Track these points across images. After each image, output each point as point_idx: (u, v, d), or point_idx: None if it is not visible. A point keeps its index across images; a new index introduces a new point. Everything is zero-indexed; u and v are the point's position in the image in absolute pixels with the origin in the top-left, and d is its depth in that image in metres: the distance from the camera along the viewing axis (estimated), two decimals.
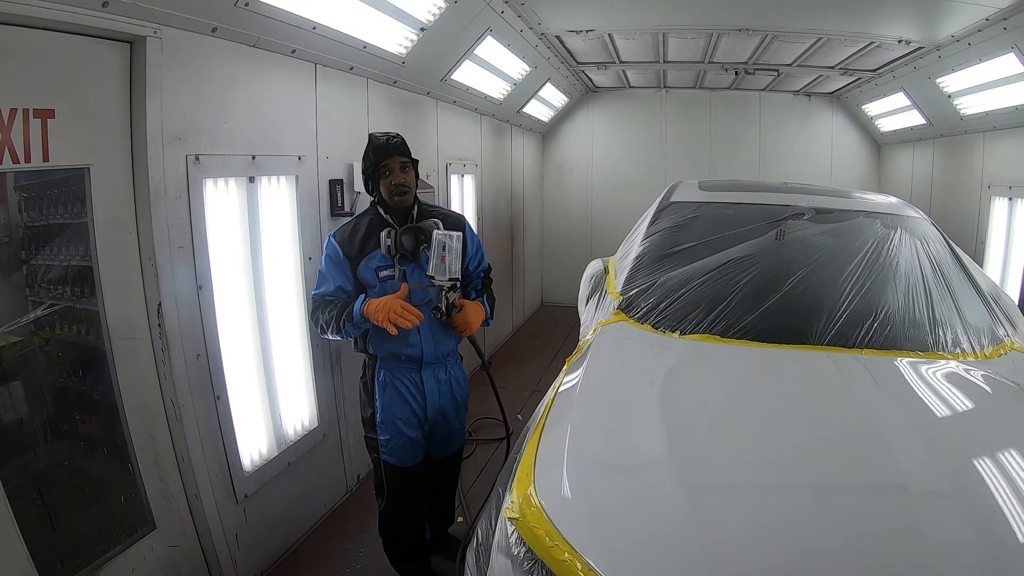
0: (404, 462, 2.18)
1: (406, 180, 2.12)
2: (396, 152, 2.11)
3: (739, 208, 2.63)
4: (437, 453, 2.33)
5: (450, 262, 2.03)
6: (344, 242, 2.12)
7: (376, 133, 2.16)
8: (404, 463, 2.18)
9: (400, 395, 2.15)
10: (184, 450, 2.05)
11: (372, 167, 2.11)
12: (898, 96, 5.03)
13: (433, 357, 2.17)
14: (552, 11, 3.81)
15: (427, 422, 2.20)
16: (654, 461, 1.42)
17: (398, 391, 2.15)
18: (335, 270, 2.12)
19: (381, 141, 2.12)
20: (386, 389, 2.15)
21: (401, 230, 2.10)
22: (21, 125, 1.57)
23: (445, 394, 2.22)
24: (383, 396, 2.15)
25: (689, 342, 1.99)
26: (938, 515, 1.24)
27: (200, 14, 1.96)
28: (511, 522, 1.32)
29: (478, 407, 4.02)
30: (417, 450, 2.21)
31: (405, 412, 2.16)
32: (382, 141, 2.12)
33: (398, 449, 2.16)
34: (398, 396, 2.15)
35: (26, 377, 1.74)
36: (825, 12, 3.71)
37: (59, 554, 1.71)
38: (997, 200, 4.21)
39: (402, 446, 2.16)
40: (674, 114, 6.59)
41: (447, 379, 2.23)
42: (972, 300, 2.19)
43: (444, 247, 2.02)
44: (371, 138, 2.14)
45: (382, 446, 2.16)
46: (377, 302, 1.99)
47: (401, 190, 2.10)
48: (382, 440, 2.16)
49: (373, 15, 2.67)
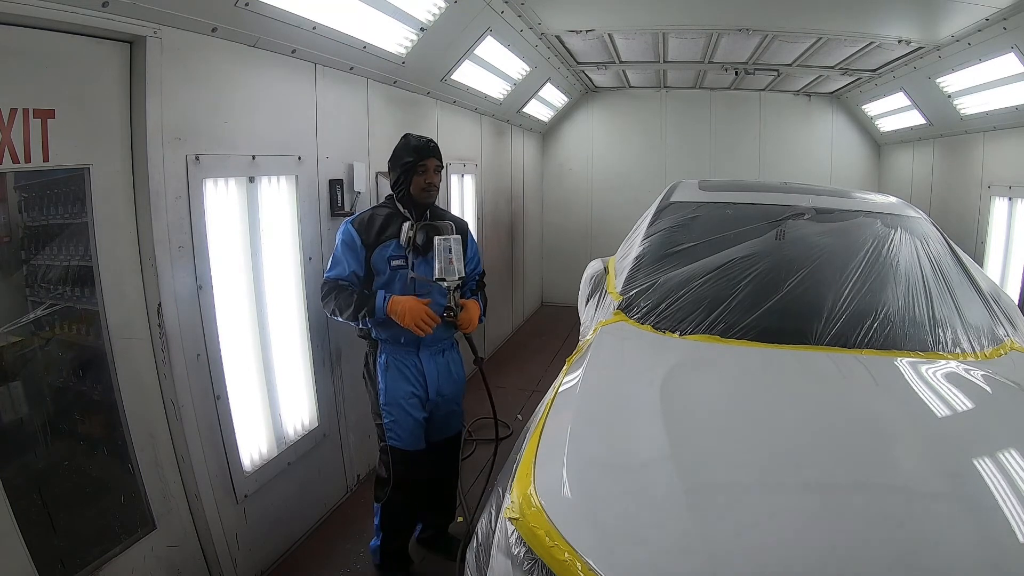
0: (409, 445, 2.28)
1: (436, 180, 2.30)
2: (435, 154, 2.30)
3: (739, 208, 2.63)
4: (437, 436, 2.41)
5: (456, 264, 2.18)
6: (362, 230, 2.25)
7: (413, 135, 2.34)
8: (409, 446, 2.28)
9: (403, 375, 2.27)
10: (184, 450, 2.05)
11: (411, 164, 2.25)
12: (898, 96, 5.03)
13: (431, 339, 2.28)
14: (552, 11, 3.81)
15: (428, 402, 2.32)
16: (654, 461, 1.42)
17: (400, 372, 2.27)
18: (350, 255, 2.24)
19: (423, 142, 2.29)
20: (388, 371, 2.27)
21: (420, 225, 2.25)
22: (21, 125, 1.56)
23: (443, 375, 2.35)
24: (385, 378, 2.27)
25: (689, 342, 1.99)
26: (938, 515, 1.24)
27: (200, 14, 1.96)
28: (511, 522, 1.32)
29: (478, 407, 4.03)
30: (420, 432, 2.31)
31: (407, 392, 2.27)
32: (423, 142, 2.29)
33: (403, 432, 2.27)
34: (401, 377, 2.27)
35: (26, 377, 1.74)
36: (825, 12, 3.71)
37: (59, 554, 1.71)
38: (997, 200, 4.21)
39: (406, 428, 2.27)
40: (674, 114, 6.59)
41: (444, 361, 2.37)
42: (972, 300, 2.19)
43: (450, 251, 2.17)
44: (410, 137, 2.32)
45: (387, 429, 2.27)
46: (403, 304, 2.15)
47: (432, 188, 2.28)
48: (387, 423, 2.27)
49: (373, 15, 2.67)
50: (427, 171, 2.27)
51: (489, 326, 5.16)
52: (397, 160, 2.29)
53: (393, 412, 2.26)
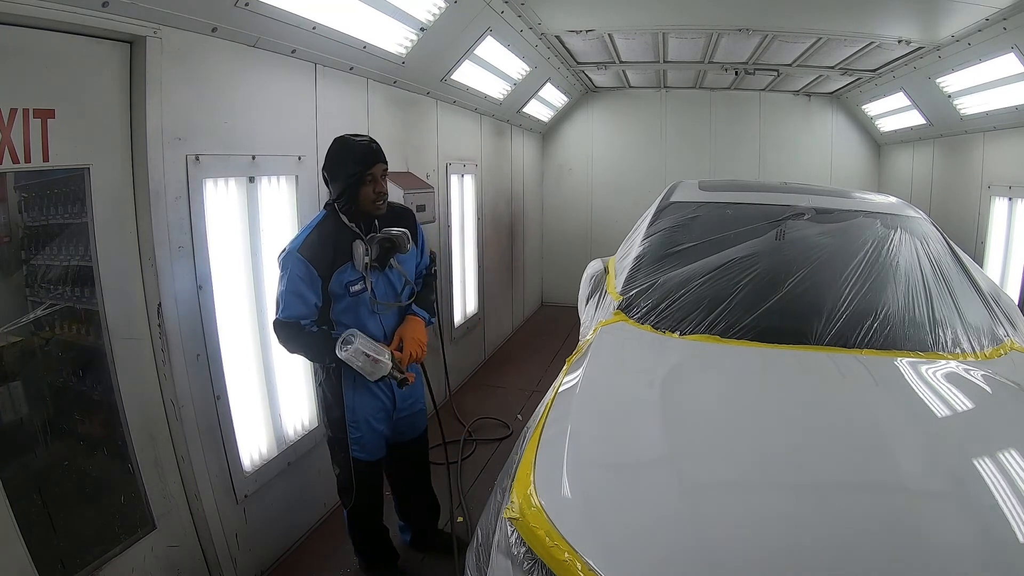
0: (373, 455, 2.22)
1: (386, 187, 2.08)
2: (381, 158, 2.05)
3: (739, 208, 2.63)
4: (404, 436, 2.33)
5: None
6: (314, 259, 1.98)
7: (351, 137, 2.07)
8: (373, 456, 2.22)
9: (372, 393, 2.17)
10: (184, 450, 2.05)
11: (357, 174, 2.00)
12: (898, 96, 5.03)
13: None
14: (552, 11, 3.81)
15: (395, 412, 2.24)
16: (654, 461, 1.42)
17: (369, 390, 2.15)
18: (308, 292, 1.99)
19: (364, 145, 2.03)
20: (356, 390, 2.14)
21: (373, 240, 2.07)
22: (21, 125, 1.57)
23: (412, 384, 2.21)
24: (354, 397, 2.14)
25: (689, 342, 1.99)
26: (938, 515, 1.24)
27: (200, 14, 1.96)
28: (511, 522, 1.32)
29: (478, 407, 4.04)
30: (382, 443, 2.25)
31: (375, 408, 2.19)
32: (365, 145, 2.03)
33: (368, 444, 2.19)
34: (369, 395, 2.16)
35: (26, 377, 1.74)
36: (825, 12, 3.71)
37: (59, 554, 1.71)
38: (997, 200, 4.21)
39: (371, 441, 2.20)
40: (674, 114, 6.58)
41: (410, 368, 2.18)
42: (972, 300, 2.19)
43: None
44: (349, 143, 2.05)
45: (353, 443, 2.17)
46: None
47: (382, 198, 2.07)
48: (353, 437, 2.17)
49: (373, 15, 2.67)
50: (375, 179, 2.02)
51: (489, 326, 5.16)
52: (339, 170, 2.02)
53: (360, 428, 2.16)
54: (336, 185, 2.05)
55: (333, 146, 2.06)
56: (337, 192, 2.05)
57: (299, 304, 1.99)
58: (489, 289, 5.12)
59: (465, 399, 4.19)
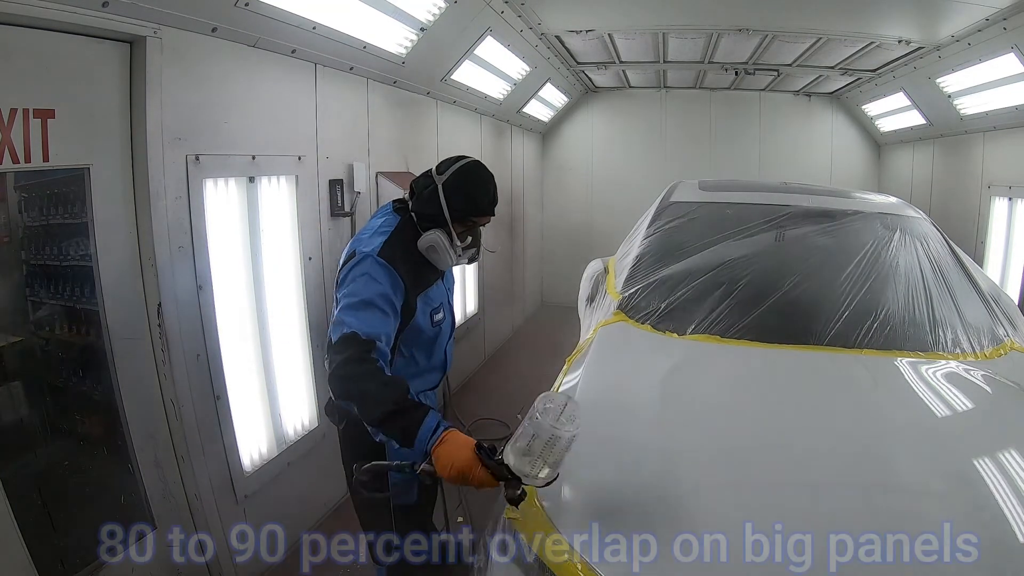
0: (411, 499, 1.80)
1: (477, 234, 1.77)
2: (493, 212, 1.74)
3: (739, 208, 2.63)
4: None
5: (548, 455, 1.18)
6: (398, 270, 1.57)
7: (488, 178, 1.71)
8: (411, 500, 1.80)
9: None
10: (184, 450, 2.05)
11: (473, 213, 1.68)
12: (898, 96, 5.03)
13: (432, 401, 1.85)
14: (552, 11, 3.81)
15: None
16: (653, 461, 1.42)
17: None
18: (389, 306, 1.53)
19: (492, 194, 1.71)
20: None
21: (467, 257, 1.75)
22: (21, 125, 1.57)
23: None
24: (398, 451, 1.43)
25: (689, 342, 1.99)
26: (938, 515, 1.24)
27: (200, 14, 1.96)
28: (511, 522, 1.32)
29: (478, 407, 4.04)
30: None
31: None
32: (493, 195, 1.71)
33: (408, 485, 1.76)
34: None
35: (26, 377, 1.74)
36: (825, 12, 3.71)
37: (59, 554, 1.71)
38: (997, 200, 4.21)
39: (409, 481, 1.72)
40: (674, 114, 6.58)
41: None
42: (972, 300, 2.19)
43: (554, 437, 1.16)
44: (489, 182, 1.71)
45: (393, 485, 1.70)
46: (454, 455, 1.25)
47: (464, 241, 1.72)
48: (397, 481, 1.70)
49: (373, 15, 2.67)
50: (475, 226, 1.72)
51: (489, 326, 5.16)
52: (457, 198, 1.65)
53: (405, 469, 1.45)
54: (433, 205, 1.66)
55: (471, 168, 1.70)
56: (435, 209, 1.65)
57: (380, 320, 1.49)
58: (489, 289, 5.11)
59: (465, 399, 4.19)
